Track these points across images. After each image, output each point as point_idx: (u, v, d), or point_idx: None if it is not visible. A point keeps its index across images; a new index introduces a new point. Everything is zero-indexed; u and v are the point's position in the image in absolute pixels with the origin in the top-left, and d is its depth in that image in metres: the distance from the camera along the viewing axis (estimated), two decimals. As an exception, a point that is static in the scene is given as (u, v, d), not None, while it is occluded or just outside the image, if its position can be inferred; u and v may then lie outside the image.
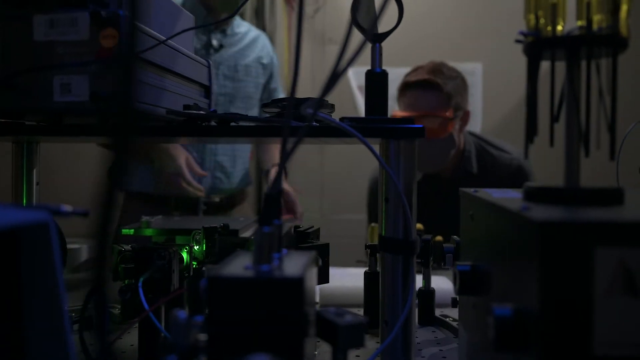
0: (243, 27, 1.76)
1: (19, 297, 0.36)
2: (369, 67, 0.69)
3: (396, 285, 0.67)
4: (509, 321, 0.42)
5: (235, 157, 1.70)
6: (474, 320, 0.59)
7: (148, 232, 0.92)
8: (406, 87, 1.52)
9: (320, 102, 0.47)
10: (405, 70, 1.57)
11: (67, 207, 0.43)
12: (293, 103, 0.47)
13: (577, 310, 0.37)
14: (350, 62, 0.45)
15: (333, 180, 2.62)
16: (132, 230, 1.04)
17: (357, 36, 0.54)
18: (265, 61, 1.76)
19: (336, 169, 2.61)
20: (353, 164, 2.69)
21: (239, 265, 0.43)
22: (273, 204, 0.46)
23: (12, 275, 0.36)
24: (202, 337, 0.42)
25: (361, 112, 2.85)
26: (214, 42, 1.65)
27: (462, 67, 1.71)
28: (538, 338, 0.38)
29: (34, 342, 0.36)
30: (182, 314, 0.41)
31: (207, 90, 0.95)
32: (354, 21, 0.65)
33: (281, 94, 1.80)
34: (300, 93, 0.48)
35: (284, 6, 2.66)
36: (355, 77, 2.56)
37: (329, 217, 2.54)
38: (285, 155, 0.48)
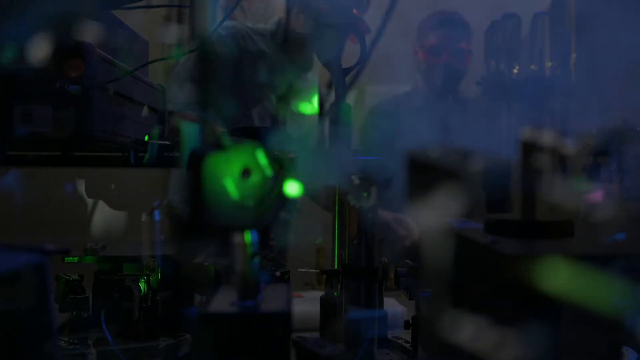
0: None
1: (14, 334, 0.35)
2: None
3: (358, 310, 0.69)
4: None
5: None
6: (436, 343, 0.62)
7: (91, 259, 0.88)
8: None
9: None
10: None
11: (50, 246, 0.43)
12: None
13: (547, 339, 0.41)
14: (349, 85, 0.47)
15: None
16: (77, 258, 1.01)
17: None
18: None
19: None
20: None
21: (226, 300, 0.44)
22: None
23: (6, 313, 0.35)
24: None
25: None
26: None
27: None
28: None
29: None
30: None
31: (161, 116, 0.95)
32: (320, 58, 0.68)
33: None
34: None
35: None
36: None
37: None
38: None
